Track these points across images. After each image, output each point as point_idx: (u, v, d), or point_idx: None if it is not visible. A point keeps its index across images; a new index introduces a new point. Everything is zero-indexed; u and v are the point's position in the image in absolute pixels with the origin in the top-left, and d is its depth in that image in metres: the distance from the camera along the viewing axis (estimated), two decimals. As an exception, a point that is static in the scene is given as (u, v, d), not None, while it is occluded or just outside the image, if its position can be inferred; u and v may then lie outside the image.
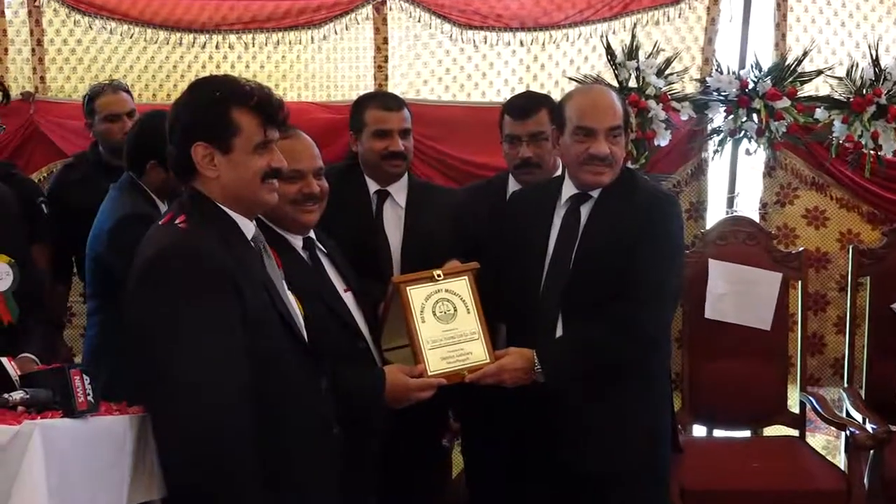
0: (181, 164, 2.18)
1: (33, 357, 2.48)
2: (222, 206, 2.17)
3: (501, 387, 2.70)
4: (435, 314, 2.69)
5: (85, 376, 1.95)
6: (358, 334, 2.66)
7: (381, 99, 3.32)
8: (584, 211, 2.82)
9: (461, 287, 2.74)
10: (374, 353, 2.71)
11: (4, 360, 2.08)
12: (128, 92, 3.83)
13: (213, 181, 2.16)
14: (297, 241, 2.64)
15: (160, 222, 2.18)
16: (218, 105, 2.14)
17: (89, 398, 1.94)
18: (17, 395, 1.93)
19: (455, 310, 2.71)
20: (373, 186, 3.23)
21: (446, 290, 2.72)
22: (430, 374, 2.63)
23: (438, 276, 2.72)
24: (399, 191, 3.24)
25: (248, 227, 2.23)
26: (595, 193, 2.82)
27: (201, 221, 2.12)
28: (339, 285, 2.69)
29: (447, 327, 2.69)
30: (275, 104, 2.20)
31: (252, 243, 2.23)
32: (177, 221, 2.12)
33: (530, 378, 2.69)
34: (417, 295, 2.68)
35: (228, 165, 2.15)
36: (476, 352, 2.70)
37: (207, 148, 2.14)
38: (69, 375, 1.93)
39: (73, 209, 3.47)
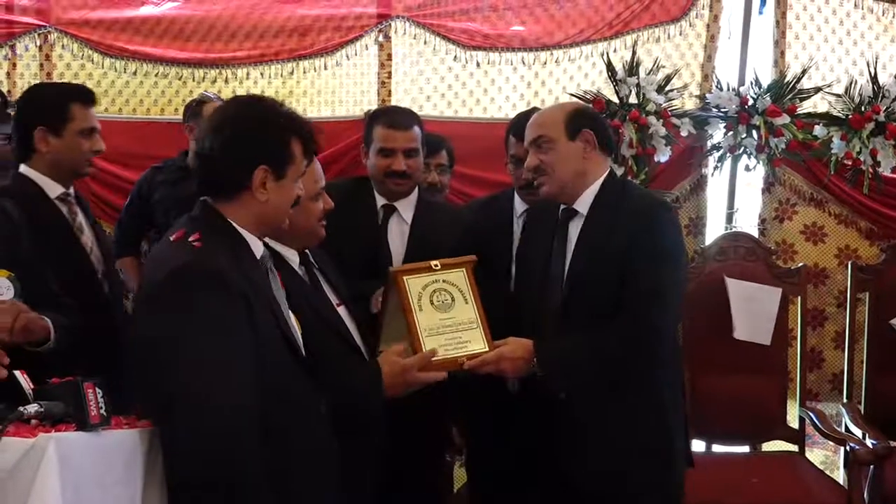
0: (233, 182, 2.18)
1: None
2: (235, 225, 2.18)
3: (508, 399, 2.70)
4: (433, 303, 2.67)
5: (97, 389, 1.96)
6: (354, 349, 2.65)
7: (391, 116, 3.30)
8: (575, 225, 2.82)
9: (458, 278, 2.73)
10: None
11: (17, 373, 2.08)
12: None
13: (256, 203, 2.18)
14: (293, 257, 2.64)
15: (171, 238, 2.16)
16: (283, 132, 2.19)
17: (102, 411, 1.94)
18: (32, 409, 1.92)
19: (453, 299, 2.69)
20: (380, 200, 3.25)
21: (444, 281, 2.71)
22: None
23: (436, 266, 2.71)
24: (406, 207, 3.25)
25: (258, 247, 2.24)
26: (584, 208, 2.82)
27: (215, 239, 2.12)
28: (333, 299, 2.69)
29: (445, 316, 2.67)
30: (314, 136, 2.26)
31: (259, 263, 2.24)
32: (191, 239, 2.11)
33: (529, 369, 2.68)
34: (415, 284, 2.68)
35: (278, 191, 2.18)
36: (474, 340, 2.67)
37: (268, 172, 2.16)
38: (82, 388, 1.92)
39: (153, 203, 3.97)
